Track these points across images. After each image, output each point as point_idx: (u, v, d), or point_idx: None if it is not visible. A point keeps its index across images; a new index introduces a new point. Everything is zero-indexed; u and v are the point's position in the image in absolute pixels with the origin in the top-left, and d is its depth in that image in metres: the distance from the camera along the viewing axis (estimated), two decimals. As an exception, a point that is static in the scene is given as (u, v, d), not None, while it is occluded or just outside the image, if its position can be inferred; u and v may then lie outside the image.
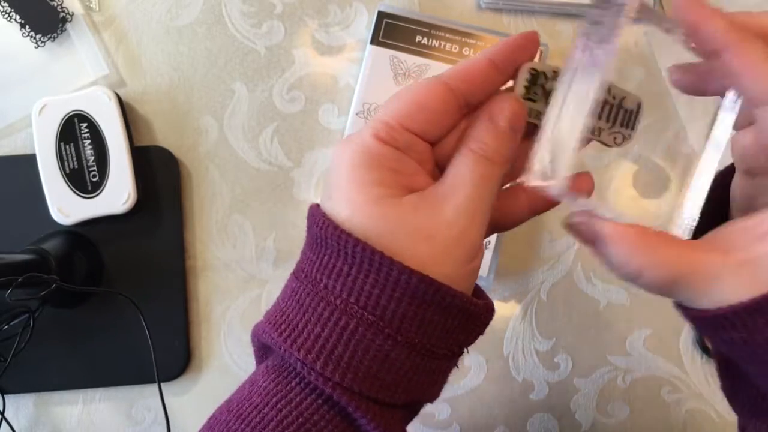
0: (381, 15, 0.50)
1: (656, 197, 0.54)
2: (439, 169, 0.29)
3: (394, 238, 0.26)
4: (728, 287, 0.24)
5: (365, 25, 0.53)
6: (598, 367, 0.55)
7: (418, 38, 0.51)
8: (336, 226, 0.26)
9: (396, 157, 0.27)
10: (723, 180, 0.30)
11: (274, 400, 0.27)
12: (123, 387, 0.53)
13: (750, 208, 0.25)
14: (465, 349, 0.30)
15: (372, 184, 0.27)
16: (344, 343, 0.26)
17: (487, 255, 0.51)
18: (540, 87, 0.28)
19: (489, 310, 0.29)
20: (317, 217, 0.27)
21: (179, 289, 0.52)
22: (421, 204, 0.27)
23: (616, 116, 0.29)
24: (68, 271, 0.48)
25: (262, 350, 0.31)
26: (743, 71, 0.24)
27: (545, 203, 0.31)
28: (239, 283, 0.53)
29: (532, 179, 0.26)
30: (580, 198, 0.27)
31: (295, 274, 0.29)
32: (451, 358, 0.29)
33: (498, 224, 0.32)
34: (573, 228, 0.27)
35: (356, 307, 0.26)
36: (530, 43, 0.29)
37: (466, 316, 0.28)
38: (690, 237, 0.29)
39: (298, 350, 0.26)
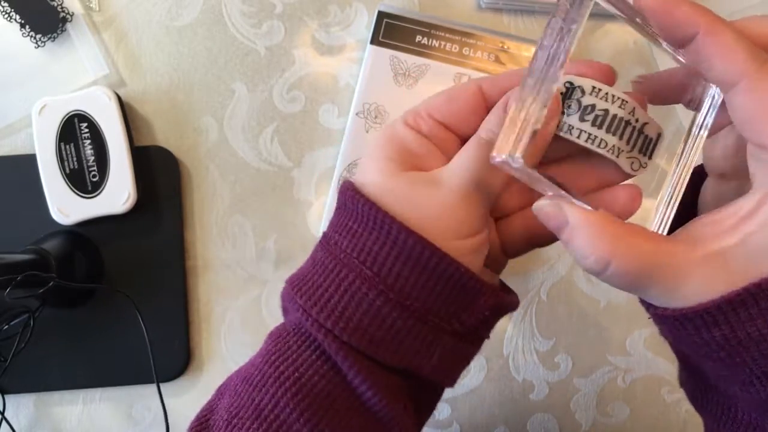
0: (381, 15, 0.50)
1: (655, 196, 0.54)
2: None
3: (387, 203, 0.28)
4: (698, 282, 0.24)
5: (365, 25, 0.53)
6: (598, 367, 0.55)
7: (418, 38, 0.51)
8: (354, 188, 0.29)
9: (415, 139, 0.29)
10: (692, 183, 0.30)
11: (273, 357, 0.28)
12: (123, 387, 0.53)
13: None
14: (482, 334, 0.30)
15: (383, 158, 0.29)
16: (340, 293, 0.27)
17: (487, 255, 0.51)
18: (575, 101, 0.27)
19: (493, 291, 0.29)
20: (344, 184, 0.30)
21: (179, 289, 0.52)
22: (419, 180, 0.29)
23: (636, 140, 0.28)
24: (68, 271, 0.48)
25: (285, 315, 0.32)
26: (715, 52, 0.24)
27: (543, 236, 0.31)
28: (239, 283, 0.53)
29: (496, 156, 0.26)
30: (542, 181, 0.26)
31: (320, 239, 0.31)
32: (454, 334, 0.29)
33: (536, 240, 0.32)
34: (540, 212, 0.27)
35: (356, 261, 0.28)
36: (597, 73, 0.28)
37: (461, 287, 0.28)
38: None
39: (301, 297, 0.28)
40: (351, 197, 0.29)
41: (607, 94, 0.27)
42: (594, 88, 0.27)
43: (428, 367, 0.28)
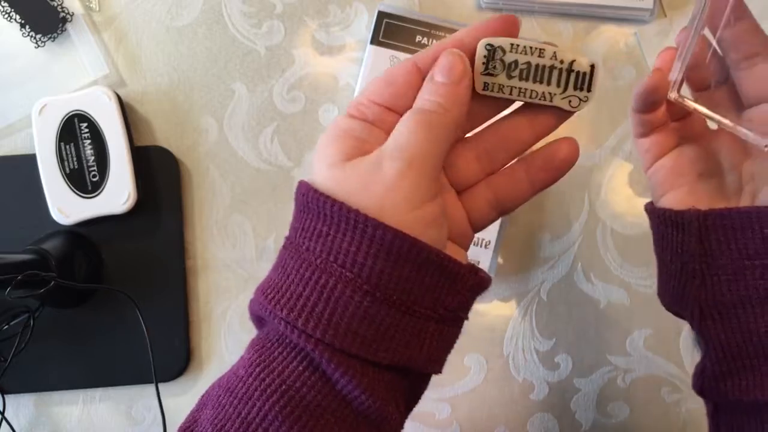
0: (381, 15, 0.51)
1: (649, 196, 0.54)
2: None
3: (343, 197, 0.28)
4: None
5: (365, 25, 0.53)
6: (598, 367, 0.55)
7: (418, 38, 0.51)
8: (315, 190, 0.28)
9: (362, 128, 0.29)
10: None
11: (257, 370, 0.27)
12: (123, 387, 0.53)
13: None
14: (462, 315, 0.30)
15: (332, 153, 0.29)
16: (324, 300, 0.27)
17: (487, 255, 0.51)
18: (499, 61, 0.29)
19: (471, 271, 0.29)
20: (301, 186, 0.29)
21: (179, 288, 0.52)
22: (362, 162, 0.28)
23: (567, 80, 0.30)
24: (68, 271, 0.48)
25: (258, 324, 0.32)
26: None
27: (546, 177, 0.32)
28: (239, 283, 0.53)
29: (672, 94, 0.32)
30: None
31: (283, 245, 0.30)
32: (439, 321, 0.29)
33: (503, 206, 0.33)
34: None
35: (335, 265, 0.27)
36: (507, 25, 0.30)
37: (441, 272, 0.28)
38: None
39: (281, 309, 0.27)
40: (313, 198, 0.28)
41: (525, 47, 0.29)
42: (512, 45, 0.29)
43: (420, 359, 0.28)
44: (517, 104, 0.31)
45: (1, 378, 0.47)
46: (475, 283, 0.30)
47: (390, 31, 0.51)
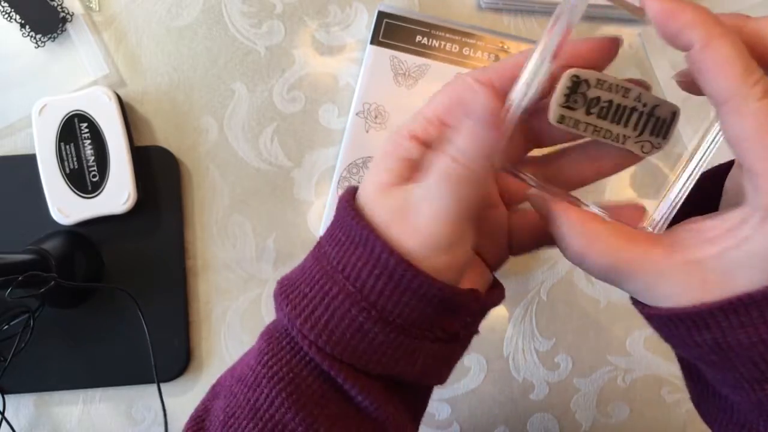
0: (381, 15, 0.50)
1: (654, 198, 0.54)
2: None
3: (375, 217, 0.28)
4: (673, 285, 0.25)
5: (365, 25, 0.53)
6: (598, 367, 0.55)
7: (418, 38, 0.51)
8: (347, 200, 0.28)
9: (420, 152, 0.28)
10: (719, 175, 0.30)
11: (266, 358, 0.28)
12: (123, 387, 0.53)
13: (738, 203, 0.26)
14: (464, 333, 0.30)
15: (386, 171, 0.28)
16: (324, 306, 0.27)
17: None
18: (581, 95, 0.28)
19: (476, 299, 0.29)
20: (345, 191, 0.30)
21: (179, 288, 0.52)
22: (403, 193, 0.28)
23: (646, 124, 0.28)
24: (68, 271, 0.48)
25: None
26: (708, 68, 0.23)
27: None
28: (239, 283, 0.53)
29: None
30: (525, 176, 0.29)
31: (315, 244, 0.31)
32: (435, 341, 0.29)
33: (505, 249, 0.33)
34: (530, 199, 0.29)
35: (341, 276, 0.27)
36: (600, 54, 0.28)
37: (443, 304, 0.28)
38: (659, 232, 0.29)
39: (287, 305, 0.28)
40: (343, 207, 0.28)
41: (611, 85, 0.28)
42: (599, 80, 0.28)
43: (412, 374, 0.29)
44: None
45: (1, 378, 0.47)
46: (478, 308, 0.30)
47: (390, 31, 0.51)
